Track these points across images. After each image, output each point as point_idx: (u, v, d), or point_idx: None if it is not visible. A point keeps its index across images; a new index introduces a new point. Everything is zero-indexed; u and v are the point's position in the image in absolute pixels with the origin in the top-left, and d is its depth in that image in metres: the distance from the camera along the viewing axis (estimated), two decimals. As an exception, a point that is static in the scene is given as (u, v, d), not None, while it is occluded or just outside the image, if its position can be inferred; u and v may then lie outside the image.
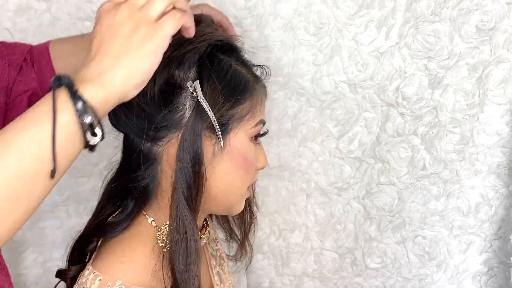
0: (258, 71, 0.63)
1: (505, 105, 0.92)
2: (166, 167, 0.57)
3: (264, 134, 0.62)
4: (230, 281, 0.77)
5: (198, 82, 0.53)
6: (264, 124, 0.61)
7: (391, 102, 0.95)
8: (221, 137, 0.55)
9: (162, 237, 0.59)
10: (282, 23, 0.92)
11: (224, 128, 0.56)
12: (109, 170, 0.63)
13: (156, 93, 0.53)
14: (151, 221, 0.60)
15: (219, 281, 0.72)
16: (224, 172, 0.57)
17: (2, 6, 0.89)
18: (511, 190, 0.99)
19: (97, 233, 0.61)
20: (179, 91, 0.54)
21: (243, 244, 0.74)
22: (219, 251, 0.78)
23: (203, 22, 0.61)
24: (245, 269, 0.81)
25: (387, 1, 0.88)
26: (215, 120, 0.54)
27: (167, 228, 0.59)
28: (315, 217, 1.07)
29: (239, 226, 0.74)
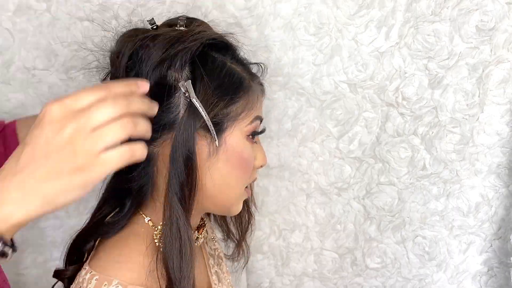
0: (254, 69, 0.63)
1: (505, 105, 0.92)
2: (162, 167, 0.56)
3: (261, 133, 0.62)
4: (229, 281, 0.77)
5: (190, 82, 0.53)
6: (261, 121, 0.61)
7: (391, 102, 0.95)
8: (216, 136, 0.55)
9: (159, 236, 0.59)
10: (282, 23, 0.92)
11: (219, 127, 0.55)
12: None
13: (149, 94, 0.53)
14: (148, 221, 0.60)
15: (217, 281, 0.72)
16: (220, 171, 0.57)
17: (2, 6, 0.89)
18: (511, 190, 0.99)
19: (94, 233, 0.61)
20: (172, 92, 0.54)
21: (240, 244, 0.74)
22: (217, 251, 0.78)
23: (195, 21, 0.60)
24: (243, 269, 0.81)
25: (387, 1, 0.88)
26: (209, 120, 0.54)
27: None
28: (315, 217, 1.07)
29: (237, 226, 0.73)
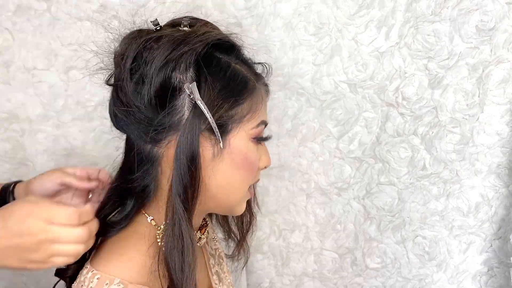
0: (259, 69, 0.63)
1: (505, 105, 0.92)
2: (166, 168, 0.56)
3: (267, 139, 0.61)
4: (229, 281, 0.77)
5: (195, 84, 0.53)
6: (266, 125, 0.61)
7: (391, 102, 0.95)
8: (220, 138, 0.55)
9: (161, 236, 0.58)
10: (282, 23, 0.92)
11: (224, 129, 0.55)
12: (112, 170, 0.63)
13: (154, 96, 0.52)
14: (151, 220, 0.60)
15: (218, 281, 0.72)
16: (225, 173, 0.57)
17: (2, 6, 0.89)
18: (511, 190, 0.99)
19: (97, 233, 0.61)
20: (177, 93, 0.54)
21: (241, 244, 0.74)
22: (218, 251, 0.78)
23: (199, 21, 0.60)
24: (243, 268, 0.81)
25: (387, 1, 0.88)
26: (214, 122, 0.53)
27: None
28: (315, 217, 1.07)
29: (238, 226, 0.73)
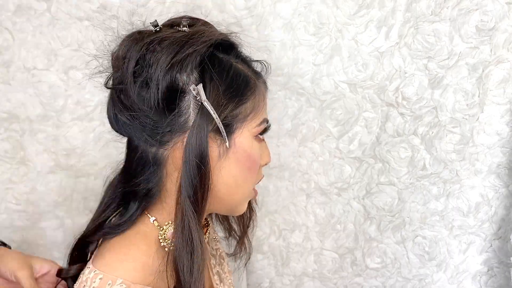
0: (258, 67, 0.63)
1: (505, 105, 0.92)
2: (172, 170, 0.56)
3: (266, 130, 0.62)
4: (230, 281, 0.77)
5: (201, 85, 0.53)
6: (268, 123, 0.61)
7: (391, 102, 0.95)
8: (226, 138, 0.55)
9: (164, 237, 0.59)
10: (282, 23, 0.92)
11: (229, 129, 0.55)
12: (112, 171, 0.63)
13: (160, 99, 0.53)
14: (153, 221, 0.60)
15: (219, 281, 0.72)
16: (231, 172, 0.57)
17: (2, 6, 0.89)
18: (511, 190, 0.99)
19: (98, 235, 0.61)
20: (182, 95, 0.54)
21: (242, 241, 0.74)
22: (219, 251, 0.78)
23: (199, 21, 0.60)
24: (244, 266, 0.81)
25: (387, 1, 0.88)
26: (220, 122, 0.54)
27: (170, 228, 0.59)
28: (315, 217, 1.07)
29: (239, 223, 0.73)
